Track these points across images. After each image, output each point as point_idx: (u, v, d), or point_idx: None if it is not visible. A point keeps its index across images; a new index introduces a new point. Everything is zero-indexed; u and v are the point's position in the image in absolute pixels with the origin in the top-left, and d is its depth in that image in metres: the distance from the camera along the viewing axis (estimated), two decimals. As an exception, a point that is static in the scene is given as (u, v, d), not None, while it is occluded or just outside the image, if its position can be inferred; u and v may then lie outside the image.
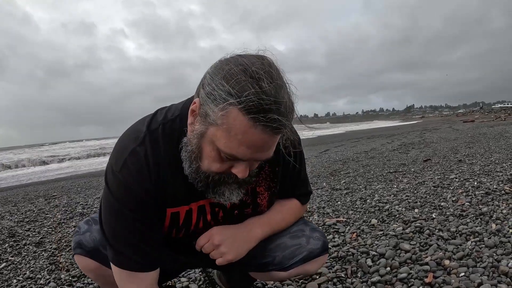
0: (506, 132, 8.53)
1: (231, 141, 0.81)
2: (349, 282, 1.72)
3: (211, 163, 0.90)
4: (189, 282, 1.88)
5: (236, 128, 0.79)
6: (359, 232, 2.39)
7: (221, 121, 0.80)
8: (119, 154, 0.98)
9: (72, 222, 3.51)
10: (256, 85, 0.77)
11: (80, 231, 1.11)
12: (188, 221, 1.10)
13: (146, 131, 0.99)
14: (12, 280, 2.13)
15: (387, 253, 1.93)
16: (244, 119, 0.78)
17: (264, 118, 0.77)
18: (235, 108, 0.78)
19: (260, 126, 0.78)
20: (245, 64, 0.80)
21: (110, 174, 0.98)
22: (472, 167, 4.27)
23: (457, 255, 1.82)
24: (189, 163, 0.94)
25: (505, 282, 1.52)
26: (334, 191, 3.84)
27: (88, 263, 1.11)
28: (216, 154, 0.87)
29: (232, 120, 0.79)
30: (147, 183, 0.96)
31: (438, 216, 2.50)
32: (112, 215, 0.99)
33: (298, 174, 1.24)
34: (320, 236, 1.25)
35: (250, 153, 0.83)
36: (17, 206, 4.70)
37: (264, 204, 1.18)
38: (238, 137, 0.80)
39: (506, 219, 2.26)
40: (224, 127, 0.80)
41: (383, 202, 3.08)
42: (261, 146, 0.83)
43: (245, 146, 0.81)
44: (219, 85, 0.80)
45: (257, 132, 0.79)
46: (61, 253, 2.55)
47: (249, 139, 0.80)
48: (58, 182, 7.92)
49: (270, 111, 0.77)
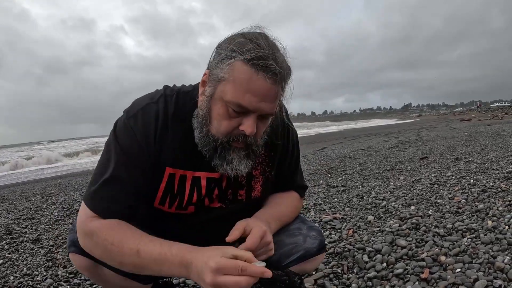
0: (503, 131, 8.56)
1: (237, 90, 0.91)
2: (346, 278, 1.73)
3: (220, 122, 0.97)
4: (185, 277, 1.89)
5: (240, 77, 0.90)
6: (355, 229, 2.40)
7: (228, 74, 0.91)
8: (134, 107, 1.07)
9: (69, 219, 3.51)
10: (255, 43, 0.90)
11: (75, 229, 1.10)
12: (182, 190, 1.09)
13: (162, 93, 1.09)
14: (9, 277, 2.13)
15: (384, 249, 1.94)
16: (247, 67, 0.89)
17: (264, 64, 0.88)
18: (238, 60, 0.90)
19: (261, 73, 0.89)
20: (245, 33, 0.94)
21: (119, 120, 1.06)
22: (468, 165, 4.28)
23: (453, 251, 1.83)
24: (199, 128, 1.01)
25: (501, 278, 1.53)
26: (331, 188, 3.85)
27: (83, 261, 1.10)
28: (224, 110, 0.95)
29: (237, 70, 0.90)
30: (150, 137, 1.03)
31: (434, 213, 2.51)
32: (107, 153, 1.04)
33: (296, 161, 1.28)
34: (317, 235, 1.25)
35: (255, 101, 0.92)
36: (14, 203, 4.70)
37: (257, 188, 1.19)
38: (243, 85, 0.90)
39: (502, 216, 2.27)
40: (230, 79, 0.91)
41: (379, 199, 3.09)
42: (264, 95, 0.92)
43: (250, 93, 0.91)
44: (224, 49, 0.93)
45: (260, 79, 0.89)
46: (58, 250, 2.56)
47: (253, 86, 0.90)
48: (55, 180, 7.90)
49: (268, 58, 0.89)
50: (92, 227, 0.98)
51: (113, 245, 0.95)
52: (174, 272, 0.94)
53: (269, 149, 1.18)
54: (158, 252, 0.93)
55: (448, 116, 39.66)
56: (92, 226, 0.99)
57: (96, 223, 0.99)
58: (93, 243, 0.99)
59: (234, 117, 0.96)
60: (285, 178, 1.28)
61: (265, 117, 1.00)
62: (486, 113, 27.76)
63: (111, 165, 1.02)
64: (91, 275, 1.13)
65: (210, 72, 0.97)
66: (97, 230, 0.98)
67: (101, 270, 1.11)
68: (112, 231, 0.97)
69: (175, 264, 0.92)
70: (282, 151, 1.23)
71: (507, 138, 6.71)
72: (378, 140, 10.39)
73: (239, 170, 1.03)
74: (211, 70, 0.96)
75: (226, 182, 1.14)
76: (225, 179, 1.14)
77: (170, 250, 0.93)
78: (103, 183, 1.01)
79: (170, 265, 0.92)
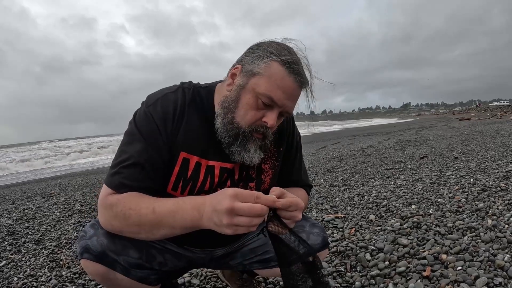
0: (502, 130, 8.59)
1: (271, 85, 1.03)
2: (349, 276, 1.75)
3: (247, 111, 1.07)
4: (190, 277, 1.91)
5: (276, 74, 1.03)
6: (357, 228, 2.42)
7: (264, 70, 1.03)
8: (154, 96, 1.14)
9: (71, 219, 3.51)
10: (288, 51, 1.05)
11: (87, 235, 1.11)
12: (196, 176, 1.13)
13: (180, 86, 1.18)
14: (13, 278, 2.13)
15: (386, 247, 1.96)
16: (282, 68, 1.03)
17: (296, 69, 1.03)
18: (275, 61, 1.03)
19: (293, 75, 1.03)
20: (279, 42, 1.09)
21: (139, 110, 1.14)
22: (468, 164, 4.30)
23: (454, 250, 1.85)
24: (224, 114, 1.09)
25: (501, 275, 1.55)
26: (332, 188, 3.87)
27: (97, 268, 1.11)
28: (254, 101, 1.05)
29: (273, 69, 1.03)
30: (168, 121, 1.10)
31: (435, 212, 2.53)
32: (126, 137, 1.11)
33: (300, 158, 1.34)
34: (320, 232, 1.27)
35: (284, 98, 1.04)
36: (14, 204, 4.70)
37: (267, 181, 1.24)
38: (277, 82, 1.03)
39: (502, 215, 2.29)
40: (266, 75, 1.03)
41: (380, 198, 3.11)
42: (291, 94, 1.05)
43: (281, 90, 1.03)
44: (262, 50, 1.06)
45: (291, 80, 1.03)
46: (62, 251, 2.57)
47: (284, 85, 1.03)
48: (55, 180, 7.90)
49: (299, 65, 1.05)
50: (111, 200, 1.03)
51: (131, 209, 1.00)
52: (187, 219, 0.97)
53: (278, 145, 1.25)
54: (171, 203, 0.99)
55: (447, 115, 39.68)
56: (112, 199, 1.04)
57: (115, 196, 1.04)
58: (113, 214, 1.03)
59: (261, 108, 1.06)
60: (292, 175, 1.32)
61: (283, 115, 1.11)
62: (485, 112, 27.80)
63: (130, 150, 1.07)
64: (103, 280, 1.14)
65: (243, 66, 1.08)
66: (117, 201, 1.03)
67: (114, 275, 1.12)
68: (130, 197, 1.03)
69: (188, 210, 0.96)
70: (287, 147, 1.29)
71: (506, 138, 6.74)
72: (377, 139, 10.41)
73: (253, 160, 1.12)
74: (245, 65, 1.08)
75: (238, 175, 1.19)
76: (237, 172, 1.19)
77: (183, 199, 1.01)
78: (122, 166, 1.06)
79: (183, 212, 0.97)
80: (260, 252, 1.30)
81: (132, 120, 1.13)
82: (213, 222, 0.91)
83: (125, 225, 1.02)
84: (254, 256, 1.32)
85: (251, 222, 0.89)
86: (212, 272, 1.94)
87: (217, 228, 0.92)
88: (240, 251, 1.33)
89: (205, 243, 1.26)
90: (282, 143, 1.27)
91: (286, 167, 1.30)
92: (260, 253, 1.30)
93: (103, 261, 1.09)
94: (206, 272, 1.95)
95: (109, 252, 1.09)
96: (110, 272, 1.11)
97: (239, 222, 0.88)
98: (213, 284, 1.83)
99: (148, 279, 1.20)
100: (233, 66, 1.12)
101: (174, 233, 1.01)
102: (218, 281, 1.85)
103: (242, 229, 0.90)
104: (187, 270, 1.43)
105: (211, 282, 1.85)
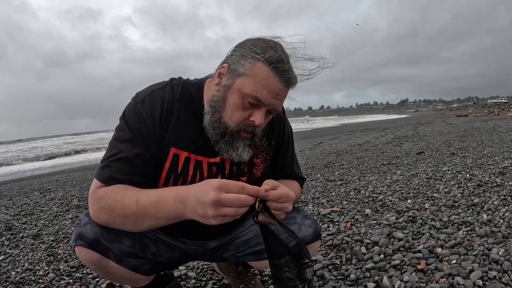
0: (499, 127, 8.62)
1: (257, 85, 1.03)
2: (344, 269, 1.76)
3: (234, 111, 1.07)
4: (187, 270, 1.92)
5: (261, 75, 1.03)
6: (353, 222, 2.43)
7: (249, 71, 1.03)
8: (142, 93, 1.16)
9: (68, 214, 3.52)
10: (275, 50, 1.04)
11: (81, 223, 1.12)
12: (186, 171, 1.15)
13: (168, 82, 1.19)
14: (11, 272, 2.14)
15: (381, 241, 1.97)
16: (267, 68, 1.02)
17: (282, 68, 1.02)
18: (260, 61, 1.02)
19: (278, 75, 1.03)
20: (266, 39, 1.08)
21: (128, 106, 1.15)
22: (464, 160, 4.33)
23: (449, 244, 1.86)
24: (211, 113, 1.10)
25: (495, 269, 1.56)
26: (328, 182, 3.88)
27: (89, 255, 1.12)
28: (240, 101, 1.06)
29: (258, 69, 1.03)
30: (156, 117, 1.11)
31: (430, 206, 2.55)
32: (116, 133, 1.12)
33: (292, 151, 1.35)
34: (311, 223, 1.27)
35: (270, 97, 1.04)
36: (12, 200, 4.70)
37: (258, 175, 1.25)
38: (262, 82, 1.03)
39: (497, 210, 2.31)
40: (251, 75, 1.03)
41: (376, 193, 3.12)
42: (277, 94, 1.05)
43: (267, 90, 1.03)
44: (247, 49, 1.05)
45: (276, 80, 1.03)
46: (59, 245, 2.57)
47: (270, 84, 1.03)
48: (52, 176, 7.90)
49: (285, 64, 1.03)
50: (99, 193, 1.05)
51: (116, 201, 1.01)
52: (170, 209, 0.97)
53: (269, 139, 1.26)
54: (154, 194, 1.00)
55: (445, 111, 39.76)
56: (100, 192, 1.05)
57: (103, 189, 1.05)
58: (100, 206, 1.04)
59: (247, 108, 1.06)
60: (285, 168, 1.32)
61: (271, 113, 1.11)
62: (482, 109, 27.86)
63: (120, 145, 1.08)
64: (97, 268, 1.15)
65: (230, 65, 1.08)
66: (104, 193, 1.04)
67: (107, 262, 1.13)
68: (115, 189, 1.04)
69: (171, 201, 0.97)
70: (278, 141, 1.30)
71: (503, 134, 6.77)
72: (374, 135, 10.43)
73: (242, 157, 1.12)
74: (231, 64, 1.07)
75: (229, 169, 1.20)
76: (228, 167, 1.20)
77: (166, 190, 1.02)
78: (112, 160, 1.07)
79: (165, 203, 0.97)
80: (252, 244, 1.31)
81: (121, 116, 1.14)
82: (197, 213, 0.92)
83: (111, 217, 1.03)
84: (247, 248, 1.33)
85: (237, 212, 0.90)
86: (208, 265, 1.95)
87: (201, 219, 0.92)
88: (233, 243, 1.34)
89: (197, 235, 1.27)
90: (274, 137, 1.28)
91: (278, 161, 1.31)
92: (252, 245, 1.31)
93: (97, 248, 1.10)
94: (202, 265, 1.96)
95: (102, 240, 1.10)
96: (103, 260, 1.12)
97: (225, 213, 0.89)
98: (209, 277, 1.84)
99: (142, 268, 1.20)
100: (221, 63, 1.12)
101: (159, 224, 1.02)
102: (214, 274, 1.86)
103: (228, 219, 0.91)
104: (182, 262, 1.44)
105: (208, 275, 1.86)
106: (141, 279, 1.27)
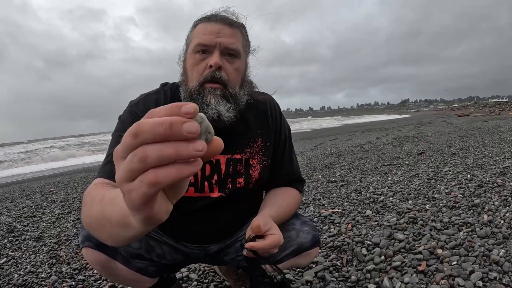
0: (500, 126, 8.61)
1: (198, 37, 1.13)
2: (345, 270, 1.77)
3: (193, 68, 1.13)
4: (189, 272, 1.93)
5: (199, 29, 1.14)
6: (354, 223, 2.44)
7: (192, 33, 1.16)
8: (138, 97, 1.24)
9: (70, 216, 3.53)
10: (213, 12, 1.17)
11: None
12: None
13: (161, 88, 1.28)
14: (14, 275, 2.15)
15: (382, 242, 1.98)
16: (203, 23, 1.14)
17: (215, 16, 1.15)
18: (199, 22, 1.16)
19: (212, 19, 1.14)
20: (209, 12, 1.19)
21: (124, 110, 1.21)
22: (465, 160, 4.32)
23: (449, 245, 1.87)
24: (183, 91, 1.17)
25: (496, 270, 1.57)
26: (329, 184, 3.89)
27: (97, 256, 1.12)
28: (193, 59, 1.13)
29: (196, 28, 1.15)
30: None
31: (431, 207, 2.55)
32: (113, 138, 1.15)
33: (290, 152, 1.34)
34: (310, 230, 1.26)
35: (213, 37, 1.11)
36: (14, 202, 4.71)
37: (255, 176, 1.25)
38: (200, 32, 1.13)
39: (498, 211, 2.31)
40: (193, 35, 1.15)
41: (377, 194, 3.13)
42: (218, 32, 1.11)
43: (207, 34, 1.11)
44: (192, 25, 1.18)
45: (212, 23, 1.13)
46: (61, 247, 2.58)
47: (207, 29, 1.12)
48: (54, 178, 7.91)
49: (219, 14, 1.16)
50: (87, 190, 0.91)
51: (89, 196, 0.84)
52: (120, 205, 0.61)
53: (265, 140, 1.27)
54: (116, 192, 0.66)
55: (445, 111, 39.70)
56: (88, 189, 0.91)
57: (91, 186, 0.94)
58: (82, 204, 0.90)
59: (202, 59, 1.12)
60: (283, 169, 1.32)
61: (231, 56, 1.14)
62: (483, 108, 27.82)
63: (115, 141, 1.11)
64: (103, 269, 1.16)
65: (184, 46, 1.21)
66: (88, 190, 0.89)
67: (114, 264, 1.14)
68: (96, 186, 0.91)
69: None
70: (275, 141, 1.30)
71: (504, 134, 6.76)
72: (375, 135, 10.43)
73: (220, 111, 1.09)
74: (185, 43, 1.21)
75: (225, 169, 1.20)
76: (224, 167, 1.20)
77: None
78: (108, 160, 1.07)
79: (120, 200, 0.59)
80: None
81: (118, 121, 1.19)
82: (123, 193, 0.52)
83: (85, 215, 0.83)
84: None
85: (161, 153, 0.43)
86: (210, 267, 1.96)
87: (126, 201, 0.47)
88: (234, 246, 1.35)
89: (199, 239, 1.28)
90: (270, 138, 1.28)
91: (276, 161, 1.31)
92: None
93: (104, 250, 1.11)
94: (204, 267, 1.97)
95: None
96: (111, 261, 1.13)
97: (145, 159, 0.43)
98: (211, 279, 1.85)
99: (147, 271, 1.22)
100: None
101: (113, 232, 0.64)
102: (216, 276, 1.87)
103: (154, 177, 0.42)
104: (185, 264, 1.45)
105: (209, 277, 1.87)
106: (146, 281, 1.28)
